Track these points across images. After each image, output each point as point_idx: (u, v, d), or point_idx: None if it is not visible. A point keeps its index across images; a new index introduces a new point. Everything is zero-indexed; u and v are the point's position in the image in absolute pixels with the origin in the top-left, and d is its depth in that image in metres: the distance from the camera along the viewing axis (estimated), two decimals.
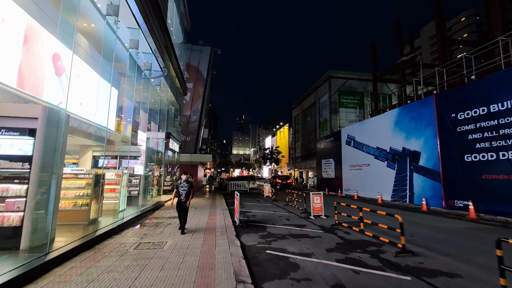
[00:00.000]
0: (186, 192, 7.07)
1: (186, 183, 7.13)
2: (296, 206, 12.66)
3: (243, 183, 27.20)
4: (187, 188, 7.10)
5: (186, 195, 7.06)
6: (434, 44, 66.19)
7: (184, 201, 7.02)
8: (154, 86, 12.48)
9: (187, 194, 7.08)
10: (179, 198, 7.09)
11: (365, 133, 19.17)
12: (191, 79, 26.93)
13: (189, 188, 7.13)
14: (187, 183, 7.14)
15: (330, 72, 32.22)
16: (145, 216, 9.75)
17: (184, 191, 7.06)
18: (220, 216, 9.83)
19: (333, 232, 7.35)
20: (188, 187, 7.12)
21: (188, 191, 7.09)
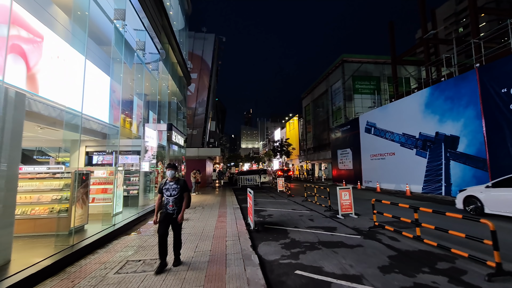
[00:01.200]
0: (176, 197, 4.28)
1: (174, 184, 4.35)
2: (317, 203, 11.09)
3: (254, 177, 25.79)
4: (177, 191, 4.30)
5: (176, 202, 4.27)
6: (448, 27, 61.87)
7: (173, 213, 4.25)
8: (152, 71, 11.03)
9: (178, 200, 4.30)
10: (164, 208, 4.28)
11: (388, 119, 17.26)
12: (196, 69, 25.43)
13: (180, 190, 4.34)
14: (177, 184, 4.37)
15: (343, 56, 30.01)
16: (145, 218, 8.41)
17: (172, 196, 4.26)
18: (231, 217, 8.38)
19: (375, 238, 5.76)
20: (179, 189, 4.32)
21: (179, 195, 4.31)
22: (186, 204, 4.43)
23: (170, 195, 4.27)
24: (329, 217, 8.32)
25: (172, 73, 14.87)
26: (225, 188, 22.33)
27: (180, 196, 4.36)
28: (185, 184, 4.48)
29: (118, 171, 8.30)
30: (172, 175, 4.40)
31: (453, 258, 4.40)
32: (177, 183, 4.37)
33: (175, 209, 4.27)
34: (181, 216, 4.29)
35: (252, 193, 6.92)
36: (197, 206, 11.04)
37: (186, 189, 4.45)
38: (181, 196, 4.38)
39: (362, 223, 7.29)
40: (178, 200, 4.32)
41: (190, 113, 24.68)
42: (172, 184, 4.35)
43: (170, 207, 4.25)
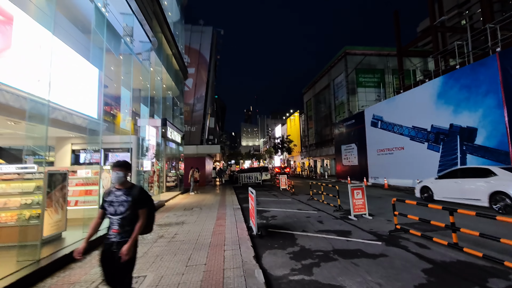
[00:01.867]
0: (124, 217, 2.50)
1: (123, 194, 2.55)
2: (324, 202, 10.24)
3: (255, 175, 24.94)
4: (125, 207, 2.50)
5: (122, 225, 2.50)
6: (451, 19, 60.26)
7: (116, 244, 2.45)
8: (143, 62, 10.15)
9: (127, 222, 2.51)
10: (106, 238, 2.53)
11: (396, 112, 16.34)
12: (193, 63, 24.50)
13: (132, 205, 2.51)
14: (127, 194, 2.55)
15: (346, 48, 29.00)
16: None
17: (117, 215, 2.50)
18: (230, 219, 7.55)
19: (399, 245, 4.91)
20: (130, 203, 2.51)
21: (128, 214, 2.50)
22: (141, 228, 2.52)
23: (114, 212, 2.48)
24: (340, 219, 7.47)
25: (167, 66, 13.98)
26: (225, 186, 21.53)
27: (132, 215, 2.49)
28: (142, 195, 2.59)
29: (104, 170, 7.46)
30: (120, 180, 2.56)
31: (507, 273, 3.54)
32: (127, 194, 2.52)
33: (119, 237, 2.45)
34: (127, 249, 2.37)
35: (254, 193, 6.06)
36: (194, 207, 10.22)
37: (143, 204, 2.56)
38: (133, 215, 2.50)
39: (379, 226, 6.44)
40: (127, 222, 2.47)
41: (188, 109, 23.81)
42: (119, 194, 2.52)
43: (113, 233, 2.47)
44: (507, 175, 7.62)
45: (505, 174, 7.69)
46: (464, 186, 8.69)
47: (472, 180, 8.53)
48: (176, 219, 7.93)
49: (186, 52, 24.14)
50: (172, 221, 7.65)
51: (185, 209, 9.91)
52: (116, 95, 14.11)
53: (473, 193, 8.36)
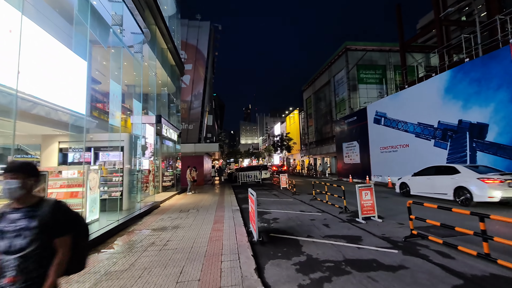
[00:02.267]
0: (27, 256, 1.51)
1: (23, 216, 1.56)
2: (329, 203, 9.68)
3: (254, 173, 24.41)
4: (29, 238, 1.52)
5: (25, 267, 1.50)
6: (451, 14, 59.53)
7: None
8: (135, 54, 9.52)
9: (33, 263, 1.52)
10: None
11: (400, 108, 15.79)
12: (190, 59, 23.84)
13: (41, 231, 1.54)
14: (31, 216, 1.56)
15: (346, 43, 28.40)
16: (126, 227, 7.00)
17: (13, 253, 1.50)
18: (229, 222, 6.99)
19: (418, 254, 4.36)
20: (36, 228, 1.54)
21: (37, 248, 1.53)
22: (60, 269, 1.60)
23: (8, 248, 1.51)
24: (348, 222, 6.92)
25: (162, 61, 13.35)
26: (224, 185, 20.97)
27: (42, 251, 1.56)
28: (59, 213, 1.64)
29: (92, 171, 6.87)
30: (14, 194, 1.57)
31: None
32: (31, 215, 1.57)
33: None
34: None
35: (255, 195, 5.49)
36: (191, 209, 9.65)
37: (62, 228, 1.63)
38: (45, 250, 1.58)
39: (392, 230, 5.89)
40: (34, 263, 1.53)
41: (185, 107, 23.18)
42: (16, 218, 1.57)
43: (6, 284, 1.49)
44: (469, 173, 8.65)
45: (467, 172, 8.73)
46: (435, 182, 9.79)
47: (441, 177, 9.58)
48: (170, 222, 7.36)
49: (183, 48, 23.49)
50: (166, 225, 7.07)
51: (181, 211, 9.34)
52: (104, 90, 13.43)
53: (441, 188, 9.42)
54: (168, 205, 10.95)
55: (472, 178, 8.38)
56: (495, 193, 7.70)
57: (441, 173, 9.75)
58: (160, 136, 14.26)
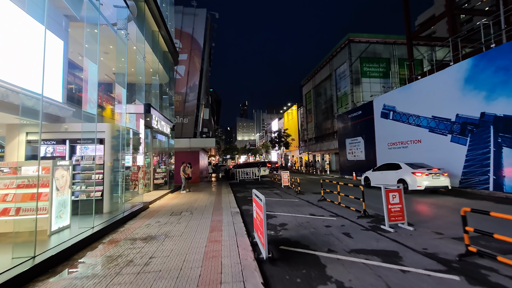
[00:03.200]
0: None
1: None
2: (342, 205, 8.50)
3: (252, 170, 23.24)
4: None
5: None
6: None
7: None
8: (117, 31, 8.16)
9: None
10: None
11: (411, 101, 14.68)
12: (185, 49, 22.39)
13: None
14: None
15: (349, 35, 27.15)
16: (103, 236, 5.75)
17: None
18: (229, 230, 5.78)
19: (490, 284, 3.21)
20: None
21: None
22: None
23: None
24: (372, 229, 5.76)
25: (152, 45, 11.99)
26: (221, 183, 19.75)
27: None
28: None
29: (60, 167, 5.58)
30: None
31: None
32: None
33: None
34: None
35: (263, 200, 4.24)
36: (184, 211, 8.42)
37: None
38: None
39: (433, 244, 4.74)
40: None
41: (180, 99, 21.78)
42: None
43: None
44: (407, 168, 11.09)
45: (406, 167, 11.16)
46: (386, 175, 12.22)
47: (390, 172, 12.02)
48: (157, 229, 6.12)
49: (177, 37, 22.03)
50: (152, 232, 5.84)
51: (173, 213, 8.11)
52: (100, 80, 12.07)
53: (390, 180, 11.68)
54: (158, 206, 9.69)
55: (408, 172, 10.84)
56: (422, 183, 10.32)
57: (390, 168, 12.14)
58: (151, 129, 12.94)
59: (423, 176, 10.42)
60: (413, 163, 11.53)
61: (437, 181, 10.39)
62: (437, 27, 45.77)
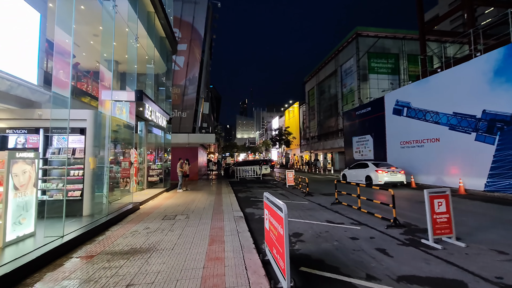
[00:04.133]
0: None
1: None
2: (362, 210, 7.35)
3: (254, 168, 22.09)
4: None
5: None
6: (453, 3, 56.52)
7: None
8: (103, 1, 6.97)
9: None
10: None
11: (429, 96, 13.53)
12: (185, 38, 21.15)
13: None
14: None
15: (357, 28, 25.95)
16: (78, 246, 4.60)
17: None
18: (232, 242, 4.64)
19: None
20: None
21: None
22: None
23: None
24: (411, 244, 4.62)
25: (148, 28, 10.80)
26: (220, 181, 18.61)
27: None
28: None
29: (20, 160, 4.41)
30: None
31: None
32: None
33: None
34: None
35: (285, 210, 3.07)
36: (179, 214, 7.27)
37: None
38: None
39: (504, 268, 3.61)
40: None
41: (179, 92, 20.56)
42: None
43: None
44: (372, 166, 13.41)
45: (372, 166, 13.52)
46: (358, 173, 14.35)
47: (360, 169, 14.24)
48: (145, 239, 4.97)
49: (177, 25, 20.77)
50: (137, 243, 4.69)
51: (166, 216, 6.96)
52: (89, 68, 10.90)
53: (360, 176, 14.00)
54: (150, 206, 8.54)
55: (373, 170, 13.26)
56: (383, 178, 12.72)
57: (361, 167, 14.42)
58: (145, 122, 11.76)
59: (384, 173, 12.92)
60: (377, 163, 14.02)
61: (395, 177, 12.93)
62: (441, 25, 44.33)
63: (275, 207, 3.41)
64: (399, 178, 12.94)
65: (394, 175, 12.82)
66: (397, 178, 12.87)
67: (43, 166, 6.29)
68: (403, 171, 13.22)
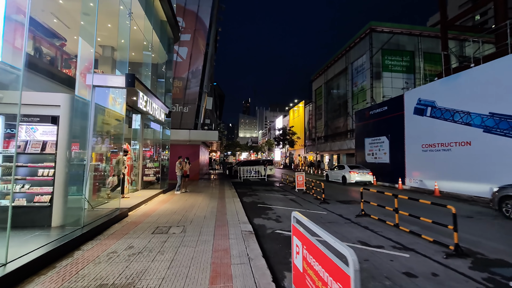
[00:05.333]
0: None
1: None
2: (402, 228, 5.94)
3: (258, 169, 20.77)
4: None
5: None
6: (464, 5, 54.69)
7: None
8: None
9: None
10: None
11: (459, 94, 12.09)
12: (189, 28, 19.80)
13: None
14: None
15: (371, 23, 24.45)
16: (28, 277, 3.28)
17: None
18: (243, 277, 3.30)
19: None
20: None
21: None
22: None
23: None
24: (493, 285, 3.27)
25: (146, 7, 9.46)
26: (223, 181, 17.28)
27: None
28: None
29: None
30: None
31: None
32: None
33: None
34: None
35: (353, 265, 1.73)
36: (174, 225, 5.94)
37: None
38: None
39: None
40: None
41: (180, 85, 19.24)
42: None
43: None
44: (347, 168, 16.52)
45: (347, 167, 16.61)
46: (337, 173, 17.41)
47: (339, 171, 17.36)
48: (122, 268, 3.64)
49: (180, 14, 19.43)
50: (110, 277, 3.35)
51: (157, 229, 5.64)
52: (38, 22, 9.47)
53: (338, 176, 17.20)
54: (141, 213, 7.22)
55: (347, 171, 16.15)
56: (355, 178, 15.71)
57: (340, 169, 17.44)
58: (142, 114, 10.44)
59: (355, 174, 15.95)
60: (351, 165, 17.12)
61: (364, 177, 15.97)
62: None
63: (326, 250, 2.05)
64: (368, 178, 16.09)
65: (363, 176, 15.99)
66: (366, 178, 16.04)
67: (2, 163, 4.98)
68: (371, 173, 16.39)
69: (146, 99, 8.41)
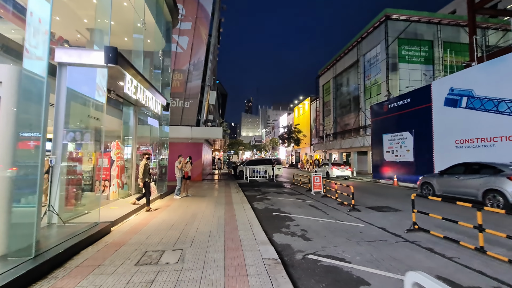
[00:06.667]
0: None
1: None
2: (490, 253, 4.28)
3: (265, 168, 19.15)
4: None
5: None
6: None
7: None
8: None
9: None
10: None
11: (503, 81, 10.36)
12: (189, 16, 18.21)
13: None
14: None
15: (386, 11, 22.66)
16: None
17: None
18: None
19: None
20: None
21: None
22: None
23: None
24: None
25: None
26: (228, 183, 15.67)
27: None
28: None
29: None
30: None
31: None
32: None
33: None
34: None
35: None
36: (168, 249, 4.33)
37: None
38: None
39: None
40: None
41: (181, 78, 17.66)
42: None
43: None
44: (330, 165, 20.07)
45: (330, 164, 20.22)
46: (322, 169, 20.66)
47: (324, 167, 20.71)
48: None
49: (180, 1, 17.82)
50: None
51: (145, 255, 4.04)
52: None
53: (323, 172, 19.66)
54: (127, 229, 5.62)
55: (329, 167, 19.80)
56: (336, 173, 19.16)
57: (324, 165, 20.90)
58: (134, 106, 8.84)
59: (336, 169, 19.31)
60: (334, 163, 21.31)
61: (344, 172, 19.27)
62: None
63: None
64: (347, 173, 19.41)
65: (343, 171, 19.32)
66: (346, 173, 19.37)
67: None
68: (350, 168, 20.34)
69: (136, 84, 6.80)
